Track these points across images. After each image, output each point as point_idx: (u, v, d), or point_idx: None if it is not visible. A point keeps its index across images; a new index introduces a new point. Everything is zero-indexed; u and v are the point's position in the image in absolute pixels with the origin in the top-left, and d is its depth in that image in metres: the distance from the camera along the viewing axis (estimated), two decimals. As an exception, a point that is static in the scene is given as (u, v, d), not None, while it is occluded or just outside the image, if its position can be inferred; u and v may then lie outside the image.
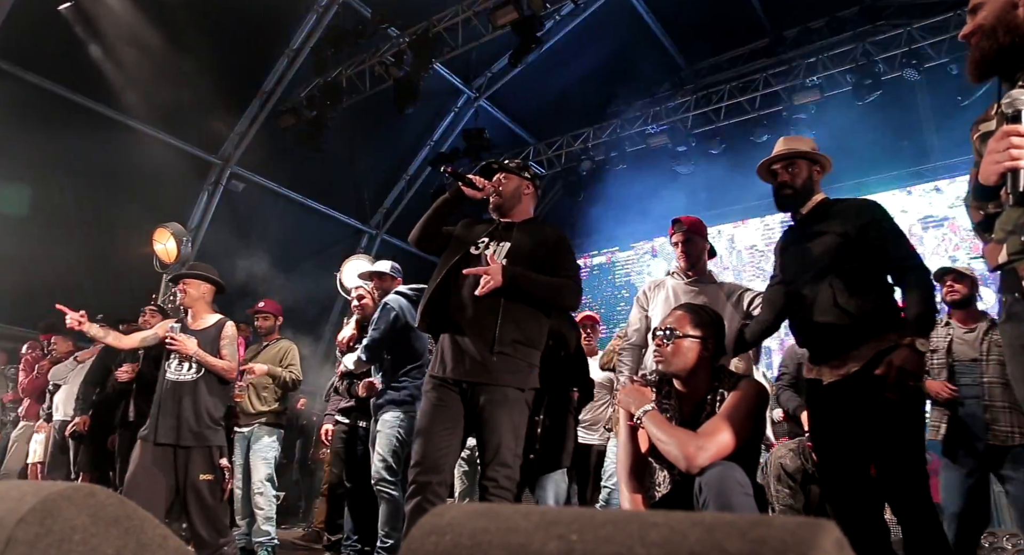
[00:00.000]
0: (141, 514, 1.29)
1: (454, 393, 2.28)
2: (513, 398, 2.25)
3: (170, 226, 6.54)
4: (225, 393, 3.45)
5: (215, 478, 3.16)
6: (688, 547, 0.57)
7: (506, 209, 2.56)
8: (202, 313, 3.49)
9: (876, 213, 2.27)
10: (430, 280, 2.46)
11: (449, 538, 0.69)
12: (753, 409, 1.88)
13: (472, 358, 2.26)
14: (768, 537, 0.55)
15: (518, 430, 2.25)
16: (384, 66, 7.28)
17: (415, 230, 2.53)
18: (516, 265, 2.35)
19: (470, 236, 2.51)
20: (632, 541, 0.60)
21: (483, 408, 2.23)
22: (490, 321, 2.26)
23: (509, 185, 2.56)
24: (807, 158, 2.42)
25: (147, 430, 3.22)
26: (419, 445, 2.24)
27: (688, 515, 0.62)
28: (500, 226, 2.53)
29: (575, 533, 0.64)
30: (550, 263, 2.41)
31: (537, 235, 2.48)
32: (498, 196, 2.53)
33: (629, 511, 0.65)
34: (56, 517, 1.18)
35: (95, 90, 7.06)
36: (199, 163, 8.31)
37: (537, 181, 2.68)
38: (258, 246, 8.17)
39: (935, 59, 6.72)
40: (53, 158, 6.70)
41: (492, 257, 2.35)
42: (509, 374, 2.25)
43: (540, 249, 2.42)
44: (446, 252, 2.50)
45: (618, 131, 8.81)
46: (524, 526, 0.67)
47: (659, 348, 2.01)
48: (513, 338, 2.27)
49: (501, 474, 2.19)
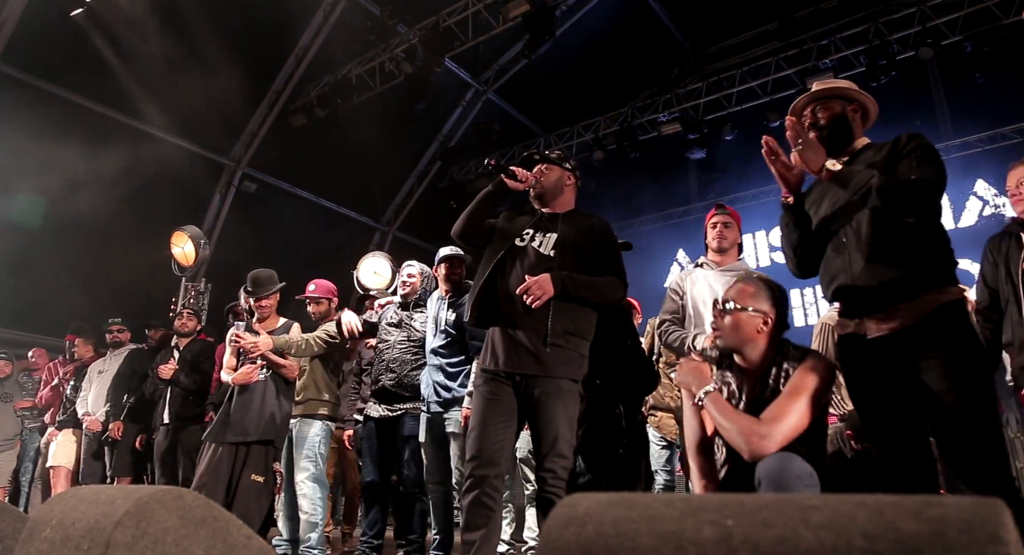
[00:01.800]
0: (226, 515, 1.30)
1: (507, 386, 2.29)
2: (567, 389, 2.25)
3: (187, 229, 6.54)
4: (290, 393, 3.55)
5: (265, 481, 3.20)
6: (859, 529, 0.57)
7: (548, 199, 2.55)
8: (273, 321, 3.66)
9: (916, 141, 1.98)
10: (477, 274, 2.47)
11: (591, 528, 0.69)
12: (820, 388, 1.81)
13: (525, 350, 2.26)
14: (947, 517, 0.55)
15: (572, 421, 2.26)
16: (395, 62, 7.26)
17: (458, 223, 2.52)
18: (564, 255, 2.37)
19: (514, 228, 2.51)
20: (794, 524, 0.60)
21: (538, 400, 2.23)
22: (542, 313, 2.26)
23: (551, 176, 2.55)
24: (841, 97, 2.14)
25: (213, 430, 3.33)
26: (474, 439, 2.25)
27: (846, 497, 0.62)
28: (544, 217, 2.53)
29: (729, 518, 0.64)
30: (597, 254, 2.41)
31: (583, 226, 2.48)
32: (540, 187, 2.52)
33: (780, 495, 0.65)
34: (150, 520, 1.19)
35: (106, 96, 7.08)
36: (211, 165, 8.33)
37: (578, 172, 2.67)
38: (271, 246, 8.19)
39: (949, 37, 6.66)
40: (66, 164, 6.71)
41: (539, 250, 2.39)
42: (562, 366, 2.25)
43: (586, 240, 2.42)
44: (491, 245, 2.50)
45: (629, 119, 8.77)
46: (670, 513, 0.67)
47: (717, 321, 1.96)
48: (565, 329, 2.27)
49: (559, 465, 2.19)
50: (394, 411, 3.49)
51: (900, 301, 1.89)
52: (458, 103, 9.63)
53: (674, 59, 9.53)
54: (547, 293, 2.24)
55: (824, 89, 2.14)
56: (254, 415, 3.29)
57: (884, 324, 1.91)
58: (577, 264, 2.37)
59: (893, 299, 1.90)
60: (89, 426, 4.92)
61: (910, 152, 1.96)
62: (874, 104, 2.17)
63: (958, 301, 1.88)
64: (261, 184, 8.67)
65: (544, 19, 6.39)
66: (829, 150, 2.06)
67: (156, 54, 6.79)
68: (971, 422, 1.76)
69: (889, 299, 1.90)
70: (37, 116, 6.68)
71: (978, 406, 1.78)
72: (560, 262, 2.35)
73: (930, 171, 1.89)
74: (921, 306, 1.86)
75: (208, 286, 6.83)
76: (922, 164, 1.91)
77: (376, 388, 3.54)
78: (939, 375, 1.82)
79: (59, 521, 1.03)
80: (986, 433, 1.77)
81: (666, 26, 9.05)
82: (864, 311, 1.96)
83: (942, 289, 1.87)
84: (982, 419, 1.77)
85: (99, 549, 1.02)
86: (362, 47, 7.71)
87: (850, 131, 2.11)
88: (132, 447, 4.75)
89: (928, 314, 1.85)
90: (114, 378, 5.01)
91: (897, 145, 2.00)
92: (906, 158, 1.95)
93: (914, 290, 1.88)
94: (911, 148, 1.96)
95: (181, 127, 7.71)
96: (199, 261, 6.50)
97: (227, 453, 3.20)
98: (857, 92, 2.14)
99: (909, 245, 1.90)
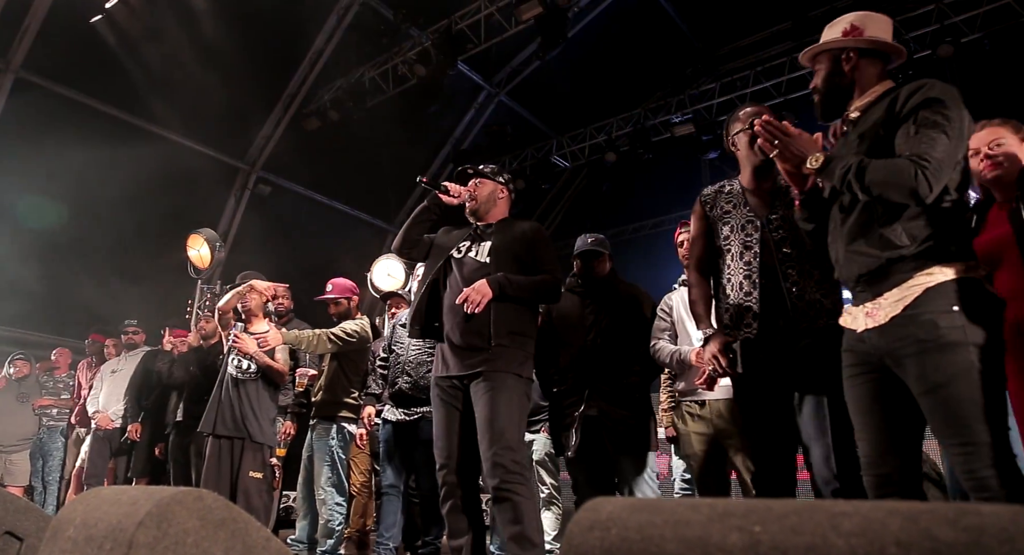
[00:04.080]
0: (245, 516, 1.30)
1: (460, 392, 2.38)
2: (512, 384, 2.31)
3: (203, 232, 6.59)
4: (276, 395, 3.59)
5: (264, 477, 3.24)
6: (893, 536, 0.56)
7: (482, 213, 2.64)
8: (257, 321, 3.68)
9: (917, 96, 1.62)
10: (416, 288, 2.64)
11: (615, 532, 0.68)
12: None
13: (471, 352, 2.35)
14: (985, 525, 0.53)
15: (519, 415, 2.31)
16: (407, 65, 7.29)
17: (397, 239, 2.66)
18: (500, 260, 2.46)
19: (450, 241, 2.63)
20: (824, 531, 0.59)
21: (482, 394, 2.29)
22: (483, 316, 2.34)
23: (484, 190, 2.64)
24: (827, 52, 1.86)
25: (205, 424, 3.39)
26: (439, 449, 2.35)
27: (877, 504, 0.61)
28: (478, 229, 2.64)
29: (756, 524, 0.63)
30: (531, 255, 2.51)
31: (514, 230, 2.57)
32: (473, 201, 2.62)
33: (809, 501, 0.64)
34: (171, 521, 1.20)
35: (124, 100, 7.17)
36: (226, 169, 8.41)
37: (511, 185, 2.77)
38: (285, 248, 8.25)
39: (968, 34, 6.57)
40: (85, 168, 6.80)
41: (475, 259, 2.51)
42: (506, 361, 2.33)
43: (518, 244, 2.52)
44: (430, 259, 2.64)
45: (642, 121, 8.74)
46: (695, 518, 0.66)
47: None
48: (509, 329, 2.36)
49: (507, 458, 2.19)
50: (411, 415, 3.47)
51: (885, 289, 1.63)
52: (470, 105, 9.64)
53: (687, 60, 9.48)
54: (485, 296, 2.32)
55: (809, 50, 1.90)
56: (246, 411, 3.37)
57: (870, 317, 1.66)
58: (513, 267, 2.45)
59: (878, 287, 1.65)
60: (99, 423, 4.96)
61: (909, 113, 1.61)
62: (881, 33, 1.81)
63: (953, 282, 1.55)
64: (275, 187, 8.73)
65: (557, 21, 6.39)
66: (831, 112, 1.88)
67: (173, 59, 6.87)
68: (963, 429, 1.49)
69: (874, 287, 1.66)
70: (57, 121, 6.79)
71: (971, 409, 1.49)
72: (496, 267, 2.44)
73: (931, 140, 1.54)
74: (904, 294, 1.59)
75: (224, 288, 6.88)
76: (922, 130, 1.56)
77: (393, 391, 3.55)
78: (915, 377, 1.56)
79: (82, 521, 1.04)
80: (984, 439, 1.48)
81: (679, 26, 9.01)
82: (854, 302, 1.75)
83: (931, 271, 1.57)
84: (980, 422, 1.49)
85: (121, 549, 1.03)
86: (375, 50, 7.75)
87: (850, 84, 1.81)
88: (149, 448, 4.79)
89: (912, 303, 1.57)
90: (131, 379, 5.05)
91: (895, 104, 1.66)
92: (904, 123, 1.62)
93: (902, 275, 1.60)
94: (911, 107, 1.61)
95: (197, 131, 7.80)
96: (214, 263, 6.55)
97: (226, 448, 3.28)
98: (842, 40, 1.81)
99: (897, 221, 1.61)
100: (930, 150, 1.53)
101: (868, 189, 1.60)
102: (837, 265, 1.79)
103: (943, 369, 1.52)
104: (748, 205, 2.19)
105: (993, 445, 1.48)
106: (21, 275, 6.32)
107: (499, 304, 2.35)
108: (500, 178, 2.71)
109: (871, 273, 1.66)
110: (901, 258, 1.61)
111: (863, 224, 1.68)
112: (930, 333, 1.54)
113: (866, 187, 1.60)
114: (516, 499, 2.15)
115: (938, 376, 1.52)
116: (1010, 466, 1.49)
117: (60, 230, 6.80)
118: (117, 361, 5.42)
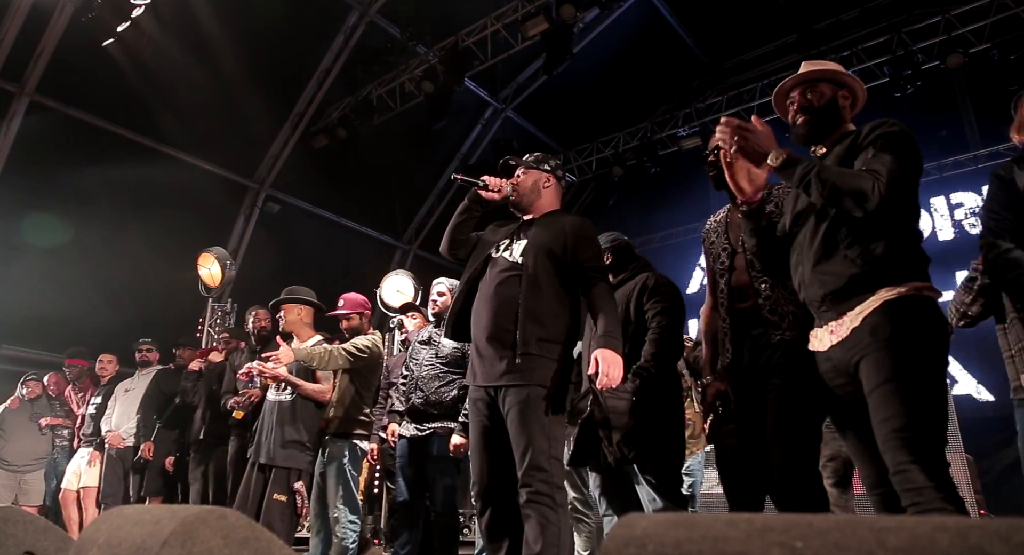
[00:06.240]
0: (268, 535, 1.29)
1: (488, 404, 2.24)
2: (534, 397, 2.13)
3: (214, 250, 6.64)
4: (318, 416, 3.58)
5: (288, 500, 3.21)
6: (942, 553, 0.55)
7: (526, 205, 2.45)
8: (304, 335, 3.69)
9: (879, 130, 1.79)
10: (457, 288, 2.49)
11: (651, 549, 0.67)
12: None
13: (498, 362, 2.19)
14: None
15: (547, 429, 2.12)
16: (415, 82, 7.35)
17: (443, 240, 2.51)
18: (534, 260, 2.26)
19: (495, 238, 2.45)
20: (870, 547, 0.58)
21: (508, 413, 2.15)
22: (510, 323, 2.18)
23: (527, 180, 2.45)
24: (832, 81, 1.98)
25: (253, 452, 3.44)
26: (474, 465, 2.25)
27: (923, 519, 0.60)
28: (523, 224, 2.45)
29: (798, 540, 0.61)
30: (569, 254, 2.28)
31: (556, 225, 2.35)
32: (516, 193, 2.42)
33: (853, 516, 0.62)
34: (195, 540, 1.19)
35: (134, 121, 7.26)
36: (235, 187, 8.48)
37: (559, 173, 2.55)
38: (295, 266, 8.28)
39: (976, 45, 6.58)
40: (96, 188, 6.88)
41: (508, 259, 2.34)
42: (530, 372, 2.15)
43: (557, 239, 2.30)
44: (472, 257, 2.46)
45: (648, 135, 8.76)
46: (734, 534, 0.65)
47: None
48: (538, 336, 2.17)
49: (536, 478, 2.06)
50: (423, 430, 3.46)
51: (848, 308, 1.73)
52: (477, 121, 9.71)
53: (693, 73, 9.53)
54: (618, 365, 2.11)
55: (814, 71, 1.99)
56: (278, 436, 3.35)
57: (834, 334, 1.76)
58: (548, 267, 2.25)
59: (841, 306, 1.74)
60: (111, 441, 4.95)
61: (869, 143, 1.78)
62: (863, 90, 2.02)
63: (907, 298, 1.67)
64: (284, 205, 8.80)
65: (562, 37, 6.44)
66: (816, 137, 1.97)
67: (183, 81, 6.96)
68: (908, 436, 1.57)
69: (838, 306, 1.75)
70: (69, 142, 6.88)
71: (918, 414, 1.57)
72: (530, 268, 2.25)
73: (885, 161, 1.69)
74: (864, 308, 1.69)
75: (234, 306, 6.90)
76: (879, 154, 1.73)
77: (407, 407, 3.53)
78: (864, 377, 1.67)
79: (106, 541, 1.04)
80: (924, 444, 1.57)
81: (684, 40, 9.07)
82: (819, 321, 1.84)
83: (891, 288, 1.67)
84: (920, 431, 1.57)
85: (145, 570, 1.02)
86: (382, 68, 7.83)
87: (839, 117, 1.96)
88: (162, 467, 4.79)
89: (867, 316, 1.68)
90: (143, 399, 5.06)
91: (859, 136, 1.84)
92: (864, 150, 1.79)
93: (862, 293, 1.71)
94: (871, 139, 1.79)
95: (206, 150, 7.88)
96: (225, 282, 6.58)
97: (259, 473, 3.25)
98: (848, 76, 2.00)
99: (859, 245, 1.73)
100: (884, 167, 1.69)
101: (824, 188, 1.71)
102: (802, 287, 1.88)
103: (887, 367, 1.63)
104: (727, 233, 2.27)
105: (926, 442, 1.57)
106: (33, 295, 6.37)
107: (528, 304, 2.18)
108: (546, 166, 2.50)
109: (836, 292, 1.76)
110: (864, 277, 1.71)
111: (828, 247, 1.79)
112: (880, 335, 1.65)
113: (823, 186, 1.71)
114: (540, 521, 2.03)
115: (882, 374, 1.63)
116: (939, 464, 1.57)
117: (71, 250, 6.86)
118: (131, 380, 5.43)
